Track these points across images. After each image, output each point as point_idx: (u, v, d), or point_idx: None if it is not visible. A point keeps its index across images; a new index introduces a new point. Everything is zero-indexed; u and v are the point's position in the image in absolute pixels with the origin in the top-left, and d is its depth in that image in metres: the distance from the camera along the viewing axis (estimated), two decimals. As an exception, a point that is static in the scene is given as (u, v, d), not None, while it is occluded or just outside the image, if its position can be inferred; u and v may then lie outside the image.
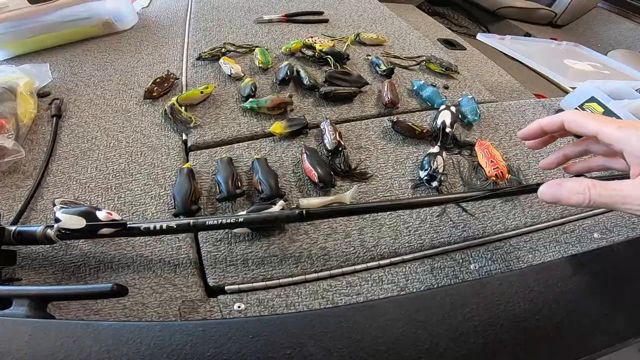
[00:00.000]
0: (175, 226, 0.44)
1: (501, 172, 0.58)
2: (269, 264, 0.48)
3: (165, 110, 0.67)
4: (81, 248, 0.50)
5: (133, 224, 0.44)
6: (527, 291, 0.35)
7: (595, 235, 0.58)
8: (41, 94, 0.70)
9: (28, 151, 0.62)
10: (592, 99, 0.72)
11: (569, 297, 0.36)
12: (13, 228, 0.44)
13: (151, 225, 0.44)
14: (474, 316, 0.33)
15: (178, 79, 0.77)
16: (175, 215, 0.51)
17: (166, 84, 0.74)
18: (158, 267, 0.48)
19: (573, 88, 0.83)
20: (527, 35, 1.63)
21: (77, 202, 0.53)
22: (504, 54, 1.30)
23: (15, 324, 0.28)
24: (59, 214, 0.44)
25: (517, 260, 0.53)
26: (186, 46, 0.89)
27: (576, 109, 0.74)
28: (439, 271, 0.49)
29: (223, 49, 0.82)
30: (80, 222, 0.42)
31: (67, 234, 0.43)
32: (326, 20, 1.02)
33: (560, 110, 0.78)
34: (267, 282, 0.46)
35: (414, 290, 0.47)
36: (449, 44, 1.14)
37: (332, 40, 0.90)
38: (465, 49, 1.13)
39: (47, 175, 0.59)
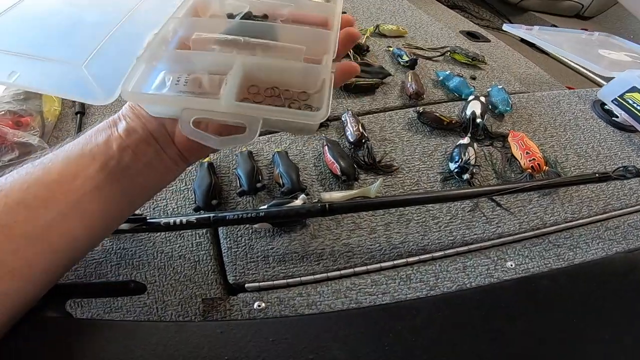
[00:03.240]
0: (194, 221, 0.43)
1: (538, 164, 0.54)
2: (290, 261, 0.46)
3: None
4: (103, 244, 0.49)
5: (152, 219, 0.43)
6: (579, 291, 0.31)
7: (644, 231, 0.53)
8: (65, 93, 0.71)
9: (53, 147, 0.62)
10: (634, 89, 0.66)
11: (626, 296, 0.32)
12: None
13: (171, 220, 0.43)
14: (517, 318, 0.30)
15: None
16: (196, 210, 0.50)
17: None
18: (178, 264, 0.47)
19: (608, 78, 0.77)
20: (554, 27, 1.55)
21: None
22: (530, 46, 1.23)
23: (31, 321, 0.27)
24: (79, 209, 0.43)
25: (556, 257, 0.49)
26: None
27: (615, 99, 0.69)
28: (472, 269, 0.46)
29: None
30: (99, 218, 0.42)
31: (88, 230, 0.42)
32: (343, 13, 1.00)
33: (598, 101, 0.72)
34: (288, 280, 0.44)
35: (445, 290, 0.44)
36: (472, 36, 1.09)
37: (353, 32, 0.88)
38: (489, 40, 1.08)
39: (70, 172, 0.59)
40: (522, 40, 1.24)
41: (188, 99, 0.24)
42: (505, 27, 1.12)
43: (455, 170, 0.53)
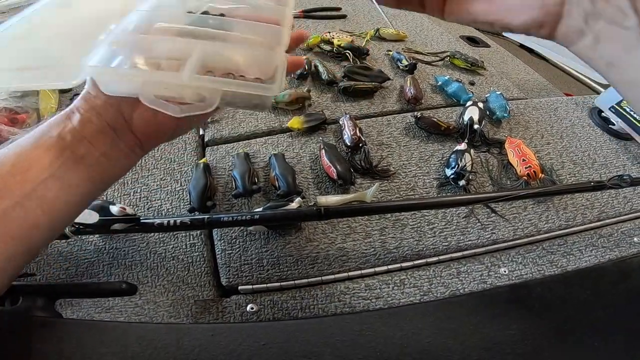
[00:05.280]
0: (189, 222, 0.42)
1: (534, 172, 0.54)
2: (284, 264, 0.46)
3: (182, 105, 0.66)
4: (95, 244, 0.49)
5: (146, 219, 0.43)
6: (572, 298, 0.31)
7: (636, 239, 0.53)
8: (63, 90, 0.71)
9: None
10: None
11: (617, 304, 0.32)
12: (28, 222, 0.44)
13: (165, 221, 0.43)
14: (510, 324, 0.30)
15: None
16: (190, 211, 0.49)
17: (184, 80, 0.73)
18: (171, 265, 0.47)
19: (605, 85, 0.78)
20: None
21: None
22: (529, 52, 1.24)
23: (19, 321, 0.27)
24: (72, 208, 0.43)
25: (550, 264, 0.49)
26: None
27: (613, 107, 0.69)
28: (466, 275, 0.46)
29: (241, 45, 0.81)
30: (93, 217, 0.41)
31: (81, 229, 0.42)
32: (344, 16, 1.00)
33: (596, 109, 0.73)
34: (282, 283, 0.44)
35: (438, 295, 0.44)
36: (472, 41, 1.10)
37: (351, 35, 0.88)
38: (489, 46, 1.09)
39: (65, 170, 0.59)
40: (522, 46, 1.25)
41: (149, 72, 0.25)
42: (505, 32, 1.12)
43: (452, 176, 0.53)
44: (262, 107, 0.27)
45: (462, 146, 0.57)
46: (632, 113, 0.66)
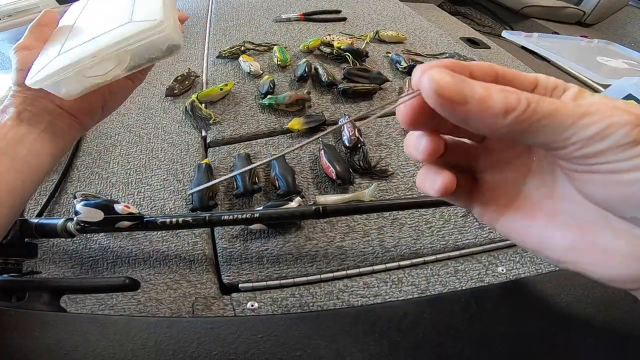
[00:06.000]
0: (191, 220, 0.43)
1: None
2: (284, 262, 0.47)
3: (186, 107, 0.68)
4: (100, 242, 0.50)
5: (150, 217, 0.44)
6: (563, 294, 0.32)
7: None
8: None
9: None
10: (629, 96, 0.67)
11: (611, 301, 0.33)
12: (35, 221, 0.45)
13: (167, 220, 0.44)
14: (503, 320, 0.30)
15: (198, 76, 0.77)
16: (193, 210, 0.50)
17: (187, 82, 0.74)
18: (174, 263, 0.48)
19: (605, 86, 0.78)
20: (555, 34, 1.56)
21: (97, 195, 0.53)
22: (531, 53, 1.24)
23: (25, 315, 0.28)
24: (78, 207, 0.44)
25: (548, 263, 0.49)
26: (207, 45, 0.90)
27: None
28: (463, 274, 0.47)
29: (242, 47, 0.82)
30: (98, 215, 0.43)
31: (86, 227, 0.43)
32: (344, 19, 1.01)
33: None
34: (282, 281, 0.45)
35: (436, 294, 0.45)
36: (472, 42, 1.10)
37: (351, 38, 0.89)
38: (489, 47, 1.09)
39: (72, 170, 0.60)
40: (523, 48, 1.25)
41: (73, 56, 0.30)
42: (505, 34, 1.13)
43: (449, 175, 0.54)
44: (175, 47, 0.32)
45: (460, 146, 0.58)
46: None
